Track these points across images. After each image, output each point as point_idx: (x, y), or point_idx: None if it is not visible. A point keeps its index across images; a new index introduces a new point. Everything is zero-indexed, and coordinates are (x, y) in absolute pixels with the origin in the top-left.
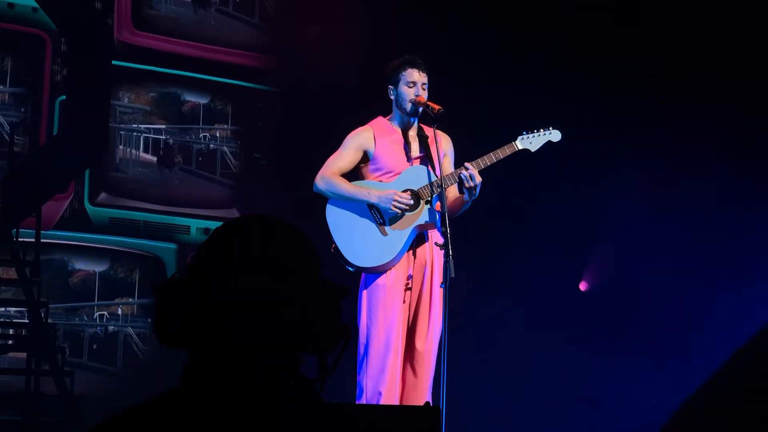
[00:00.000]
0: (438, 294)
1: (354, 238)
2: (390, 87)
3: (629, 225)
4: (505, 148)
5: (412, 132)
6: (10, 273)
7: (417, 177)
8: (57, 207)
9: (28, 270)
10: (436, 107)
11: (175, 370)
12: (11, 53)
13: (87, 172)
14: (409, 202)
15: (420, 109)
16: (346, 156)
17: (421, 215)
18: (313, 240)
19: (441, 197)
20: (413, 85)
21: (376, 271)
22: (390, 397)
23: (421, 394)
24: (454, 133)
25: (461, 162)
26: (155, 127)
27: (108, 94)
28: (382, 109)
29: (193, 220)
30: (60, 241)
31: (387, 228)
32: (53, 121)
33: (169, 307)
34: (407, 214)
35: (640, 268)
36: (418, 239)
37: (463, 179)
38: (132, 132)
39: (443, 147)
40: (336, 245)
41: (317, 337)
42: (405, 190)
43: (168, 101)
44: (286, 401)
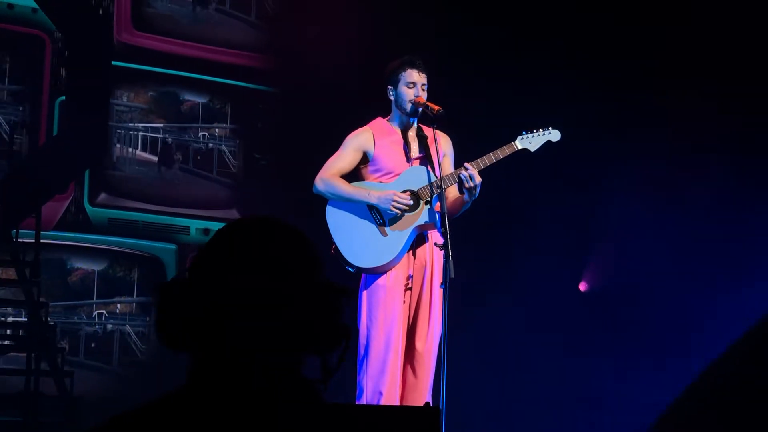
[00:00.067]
0: (438, 294)
1: (354, 239)
2: (389, 87)
3: (629, 225)
4: (504, 148)
5: (412, 132)
6: (9, 273)
7: (417, 177)
8: (57, 208)
9: (27, 270)
10: (436, 108)
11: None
12: (11, 54)
13: (87, 173)
14: (409, 202)
15: (419, 109)
16: (345, 157)
17: (420, 216)
18: (313, 240)
19: (441, 198)
20: (413, 85)
21: (376, 272)
22: (390, 397)
23: (421, 395)
24: (454, 133)
25: (461, 162)
26: (153, 125)
27: (108, 95)
28: (381, 110)
29: (193, 221)
30: (60, 241)
31: (387, 229)
32: (53, 121)
33: (169, 308)
34: (407, 214)
35: (640, 268)
36: (418, 240)
37: (462, 179)
38: (129, 131)
39: (443, 147)
40: (336, 246)
41: (317, 338)
42: (405, 191)
43: (167, 100)
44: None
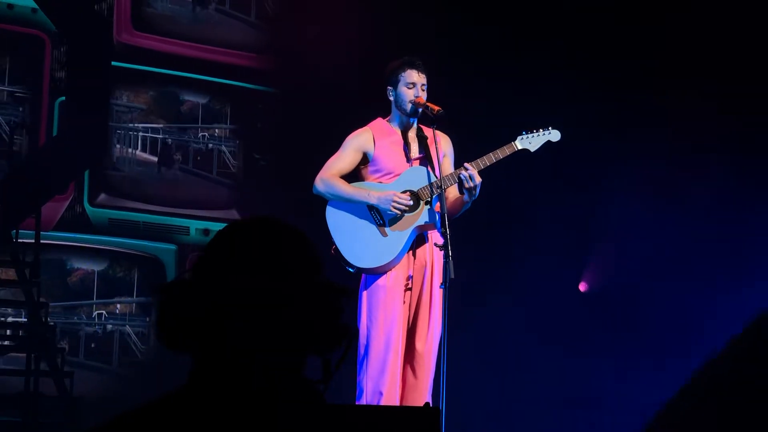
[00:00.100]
0: (438, 295)
1: (354, 240)
2: (389, 88)
3: (629, 225)
4: (504, 148)
5: (412, 133)
6: (9, 274)
7: (417, 178)
8: (57, 208)
9: (27, 271)
10: (436, 108)
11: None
12: (11, 54)
13: (86, 173)
14: (409, 203)
15: (419, 110)
16: (345, 158)
17: (420, 216)
18: (313, 241)
19: (441, 198)
20: (412, 86)
21: (376, 272)
22: (390, 397)
23: (421, 395)
24: (454, 133)
25: (461, 162)
26: (153, 126)
27: (107, 95)
28: (381, 110)
29: (193, 221)
30: (59, 242)
31: (387, 229)
32: (53, 121)
33: (170, 308)
34: (407, 215)
35: (640, 268)
36: (418, 240)
37: (462, 180)
38: (129, 131)
39: (443, 147)
40: (336, 246)
41: (317, 338)
42: (405, 191)
43: (166, 100)
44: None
